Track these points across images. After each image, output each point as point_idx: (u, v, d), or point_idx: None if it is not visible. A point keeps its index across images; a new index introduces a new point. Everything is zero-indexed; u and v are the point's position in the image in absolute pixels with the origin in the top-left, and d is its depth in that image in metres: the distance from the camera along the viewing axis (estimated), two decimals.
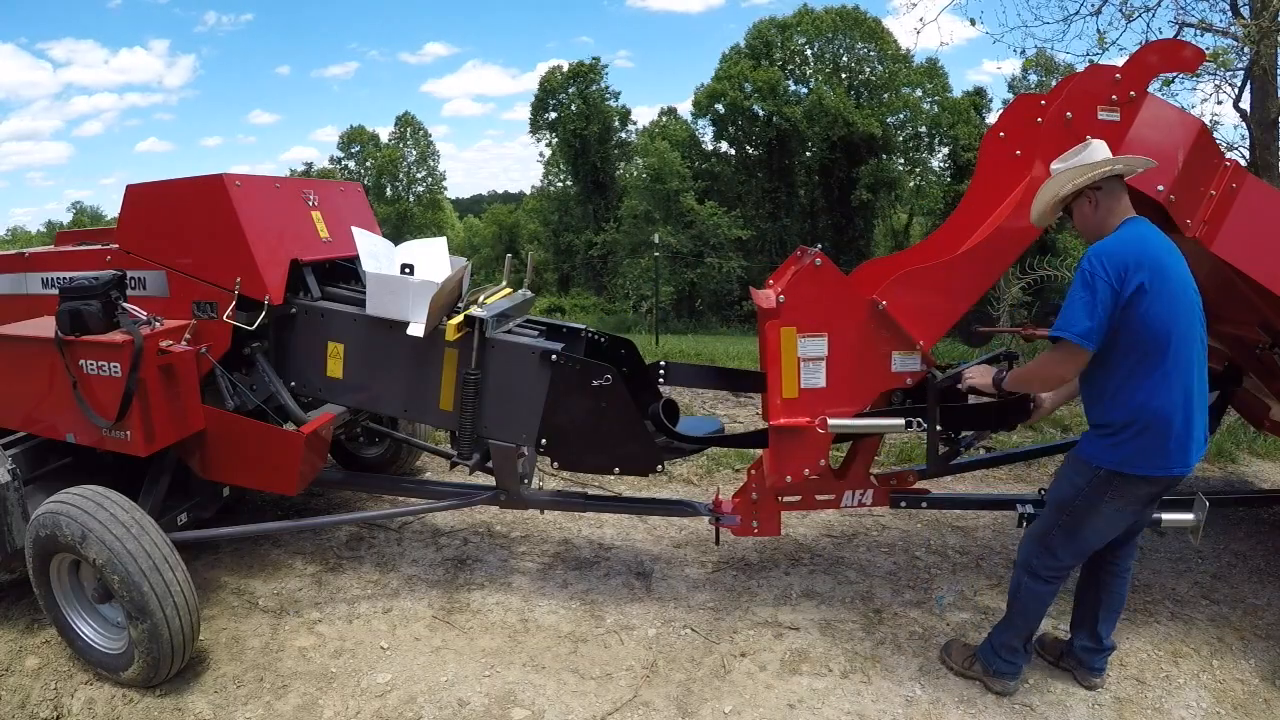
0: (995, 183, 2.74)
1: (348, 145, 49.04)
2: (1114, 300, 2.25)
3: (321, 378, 3.20)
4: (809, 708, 2.63)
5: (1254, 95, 7.53)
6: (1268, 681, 2.74)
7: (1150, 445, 2.35)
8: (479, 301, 3.08)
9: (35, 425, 3.10)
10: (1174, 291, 2.29)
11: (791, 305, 2.69)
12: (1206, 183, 2.66)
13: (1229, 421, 4.98)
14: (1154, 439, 2.34)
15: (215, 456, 3.18)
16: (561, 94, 40.21)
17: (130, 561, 2.53)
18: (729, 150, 37.22)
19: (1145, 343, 2.29)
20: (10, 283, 3.48)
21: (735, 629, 3.07)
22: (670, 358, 6.79)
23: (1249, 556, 3.64)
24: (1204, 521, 2.74)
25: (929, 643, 2.96)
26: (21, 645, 3.02)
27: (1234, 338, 3.50)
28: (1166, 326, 2.28)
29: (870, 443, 3.02)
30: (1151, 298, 2.25)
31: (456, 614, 3.21)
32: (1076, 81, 2.66)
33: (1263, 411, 3.90)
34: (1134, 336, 2.29)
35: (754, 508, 3.05)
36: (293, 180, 3.69)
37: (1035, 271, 9.74)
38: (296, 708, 2.66)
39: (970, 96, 36.37)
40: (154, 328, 2.93)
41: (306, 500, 4.26)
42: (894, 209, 37.38)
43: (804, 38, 36.79)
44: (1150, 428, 2.34)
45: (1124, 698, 2.66)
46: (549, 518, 4.02)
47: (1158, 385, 2.32)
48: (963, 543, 3.81)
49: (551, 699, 2.67)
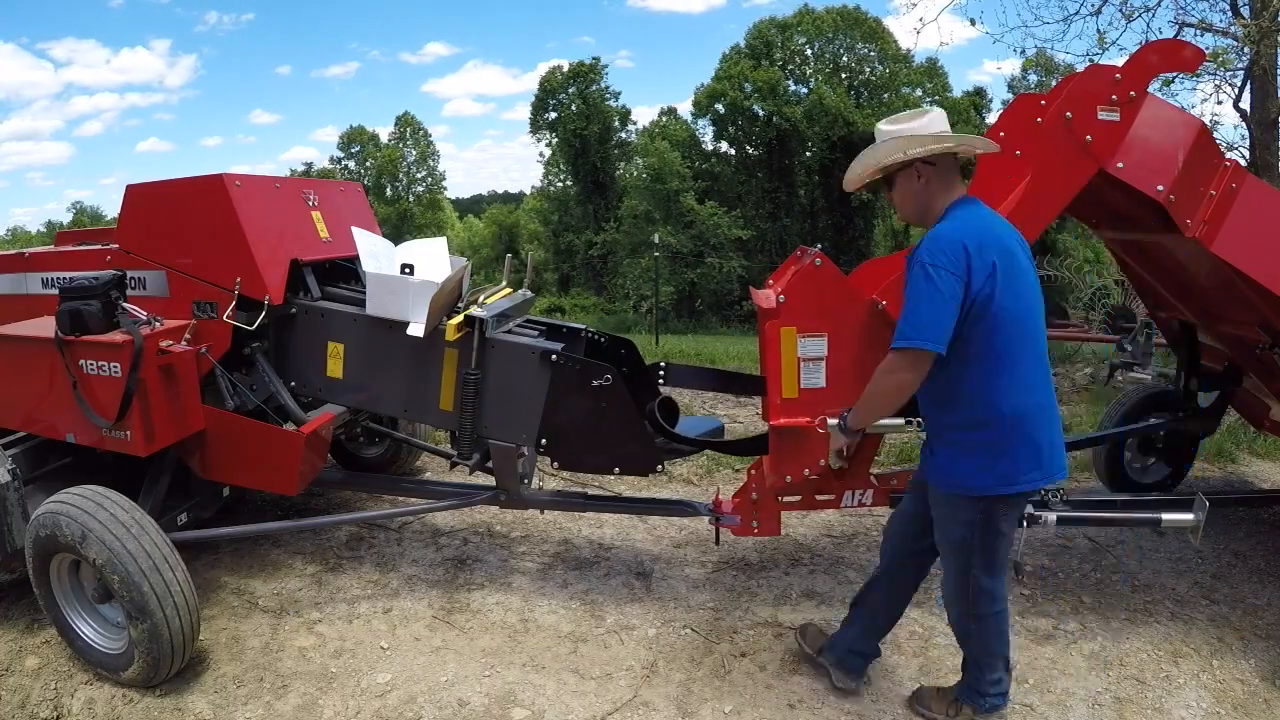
0: (995, 183, 2.74)
1: (348, 145, 49.07)
2: (962, 292, 2.00)
3: (321, 378, 3.20)
4: (809, 708, 2.63)
5: (1254, 95, 7.52)
6: (1268, 681, 2.74)
7: (1025, 455, 2.14)
8: (479, 301, 3.08)
9: (35, 425, 3.10)
10: (1024, 278, 2.09)
11: (791, 305, 2.69)
12: (1206, 183, 2.66)
13: (1229, 421, 4.98)
14: (1026, 447, 2.13)
15: (215, 456, 3.17)
16: (561, 94, 40.20)
17: (130, 561, 2.53)
18: (729, 150, 37.23)
19: (1001, 336, 2.06)
20: (10, 283, 3.48)
21: (735, 629, 3.07)
22: (670, 358, 6.79)
23: (1249, 556, 3.64)
24: (1204, 521, 2.74)
25: (929, 643, 2.96)
26: (21, 645, 3.02)
27: (1234, 338, 3.50)
28: (1020, 316, 2.06)
29: (870, 442, 3.02)
30: (1003, 285, 2.02)
31: (456, 614, 3.21)
32: (1076, 81, 2.66)
33: (1263, 411, 3.90)
34: (987, 330, 2.05)
35: (754, 508, 3.05)
36: (293, 180, 3.70)
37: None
38: (296, 708, 2.66)
39: (970, 96, 36.38)
40: (154, 328, 2.93)
41: (306, 500, 4.26)
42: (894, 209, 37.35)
43: (804, 38, 36.80)
44: (1018, 434, 2.12)
45: (1124, 698, 2.66)
46: (549, 518, 4.02)
47: (1020, 383, 2.10)
48: None
49: (551, 699, 2.67)
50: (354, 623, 3.15)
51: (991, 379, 2.10)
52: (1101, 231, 3.53)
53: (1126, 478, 4.21)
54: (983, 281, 2.02)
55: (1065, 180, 2.64)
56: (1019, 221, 2.64)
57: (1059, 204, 2.68)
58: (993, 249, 2.05)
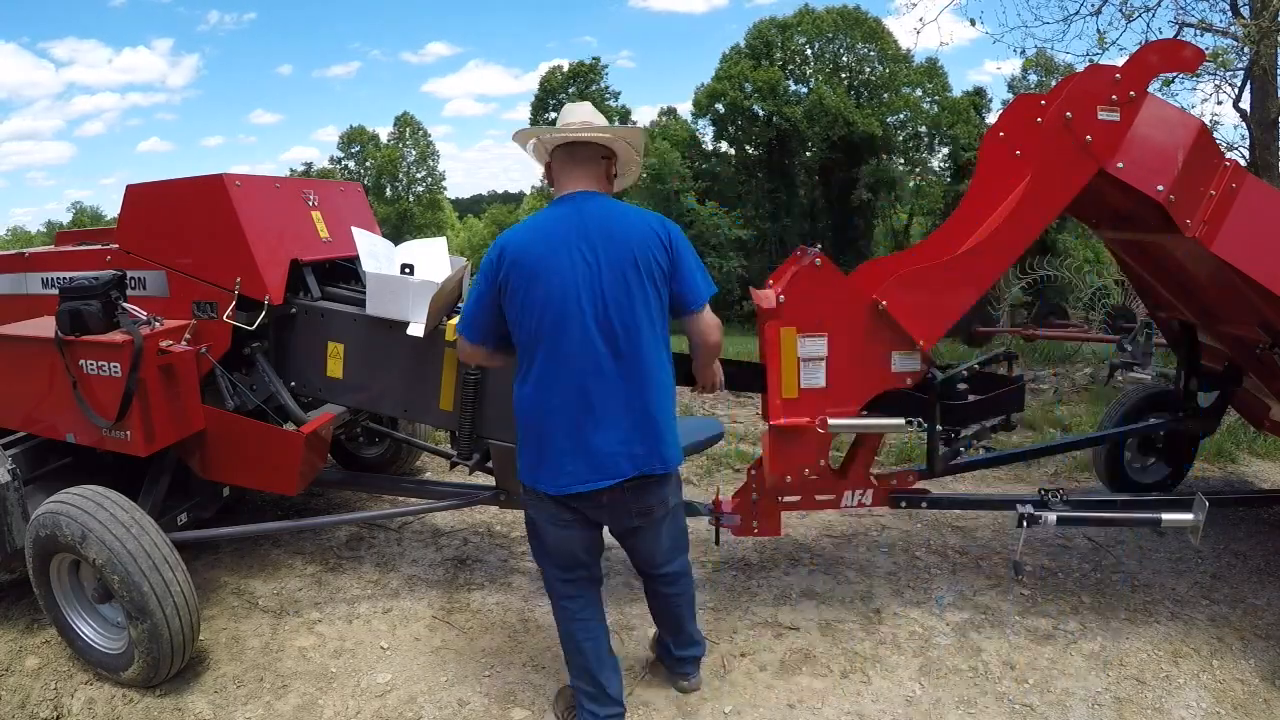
0: (995, 183, 2.74)
1: (348, 145, 49.08)
2: (491, 288, 2.16)
3: (321, 378, 3.20)
4: (809, 708, 2.63)
5: (1254, 95, 7.53)
6: (1268, 681, 2.74)
7: (528, 453, 2.21)
8: None
9: (35, 425, 3.11)
10: (555, 278, 2.09)
11: (791, 305, 2.69)
12: (1206, 183, 2.66)
13: (1229, 421, 4.98)
14: (531, 446, 2.21)
15: (215, 456, 3.18)
16: (562, 94, 40.22)
17: (130, 561, 2.53)
18: (729, 150, 37.22)
19: (522, 332, 2.15)
20: (10, 283, 3.48)
21: (735, 629, 3.07)
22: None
23: (1249, 556, 3.64)
24: (1204, 521, 2.74)
25: (929, 642, 2.96)
26: (21, 645, 3.02)
27: (1234, 338, 3.50)
28: (539, 317, 2.10)
29: (870, 443, 3.02)
30: (526, 284, 2.10)
31: (456, 614, 3.21)
32: (1076, 81, 2.66)
33: (1263, 411, 3.90)
34: (514, 326, 2.17)
35: (754, 508, 3.05)
36: (293, 180, 3.70)
37: (1035, 271, 9.75)
38: (296, 708, 2.66)
39: (970, 96, 36.39)
40: (154, 328, 2.93)
41: (306, 500, 4.26)
42: (894, 209, 37.39)
43: (804, 38, 36.80)
44: (528, 431, 2.20)
45: (1124, 698, 2.66)
46: None
47: (534, 380, 2.16)
48: (963, 543, 3.81)
49: (552, 699, 2.67)
50: (354, 623, 3.15)
51: (519, 372, 2.23)
52: (1101, 231, 3.53)
53: (1126, 478, 4.21)
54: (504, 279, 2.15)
55: (1065, 180, 2.64)
56: (1018, 221, 2.65)
57: (1059, 204, 2.68)
58: (524, 248, 2.14)
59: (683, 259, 2.21)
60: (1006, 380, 3.03)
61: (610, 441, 2.14)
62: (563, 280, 2.10)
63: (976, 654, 2.89)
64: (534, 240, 2.16)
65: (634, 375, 2.15)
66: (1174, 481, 4.23)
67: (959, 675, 2.78)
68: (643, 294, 2.14)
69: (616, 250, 2.12)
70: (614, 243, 2.13)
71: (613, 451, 2.14)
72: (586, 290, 2.10)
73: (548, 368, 2.14)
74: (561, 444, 2.16)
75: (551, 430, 2.17)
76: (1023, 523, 2.93)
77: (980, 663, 2.84)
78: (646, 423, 2.17)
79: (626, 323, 2.12)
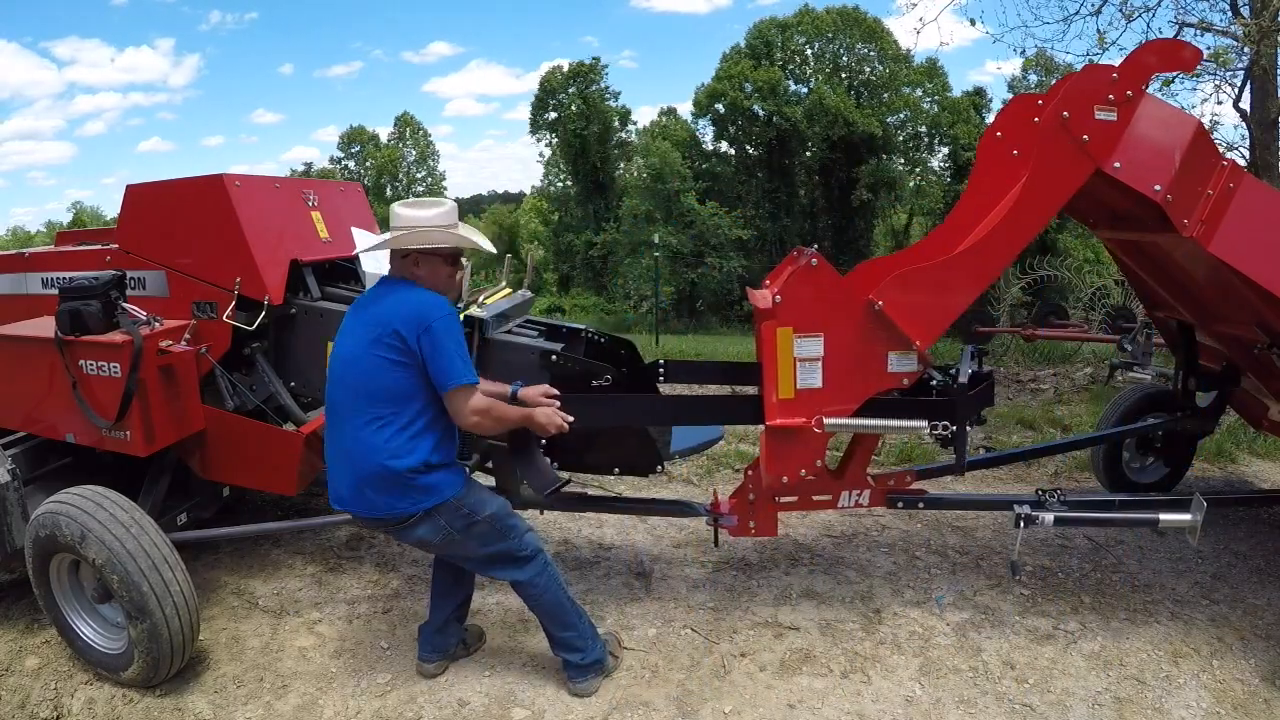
0: (992, 182, 2.74)
1: (348, 145, 49.08)
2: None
3: (321, 378, 3.20)
4: (809, 708, 2.63)
5: (1254, 95, 7.52)
6: (1268, 681, 2.74)
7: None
8: (479, 301, 3.08)
9: (35, 425, 3.11)
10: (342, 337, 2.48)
11: (788, 305, 2.69)
12: (1204, 182, 2.66)
13: (1229, 421, 4.99)
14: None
15: (215, 456, 3.18)
16: (561, 94, 40.18)
17: (130, 561, 2.53)
18: (729, 150, 37.21)
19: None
20: (10, 283, 3.49)
21: (735, 629, 3.07)
22: (670, 358, 6.78)
23: (1249, 556, 3.64)
24: (1202, 522, 2.74)
25: (929, 642, 2.96)
26: (21, 645, 3.02)
27: (1232, 337, 3.50)
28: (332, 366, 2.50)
29: (868, 443, 3.02)
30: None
31: None
32: (1073, 81, 2.66)
33: (1261, 411, 3.90)
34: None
35: (751, 508, 3.05)
36: (293, 180, 3.70)
37: (1035, 271, 9.76)
38: (296, 708, 2.66)
39: (970, 96, 36.37)
40: (154, 328, 2.93)
41: (306, 500, 4.26)
42: (894, 209, 37.38)
43: (804, 37, 36.78)
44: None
45: (1124, 698, 2.67)
46: (549, 518, 4.02)
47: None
48: (962, 543, 3.81)
49: (551, 699, 2.67)
50: (354, 623, 3.15)
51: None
52: (1099, 231, 3.53)
53: (1125, 478, 4.21)
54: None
55: (1062, 180, 2.64)
56: (1016, 221, 2.65)
57: (1056, 204, 2.68)
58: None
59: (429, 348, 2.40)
60: (981, 376, 3.03)
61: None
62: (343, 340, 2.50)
63: (976, 654, 2.89)
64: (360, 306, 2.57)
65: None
66: (1173, 481, 4.23)
67: (959, 675, 2.78)
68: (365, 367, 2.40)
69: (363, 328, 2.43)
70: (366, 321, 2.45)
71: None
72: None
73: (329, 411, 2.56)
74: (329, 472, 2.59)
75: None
76: (1020, 523, 2.93)
77: (980, 663, 2.84)
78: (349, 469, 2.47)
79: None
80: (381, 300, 2.43)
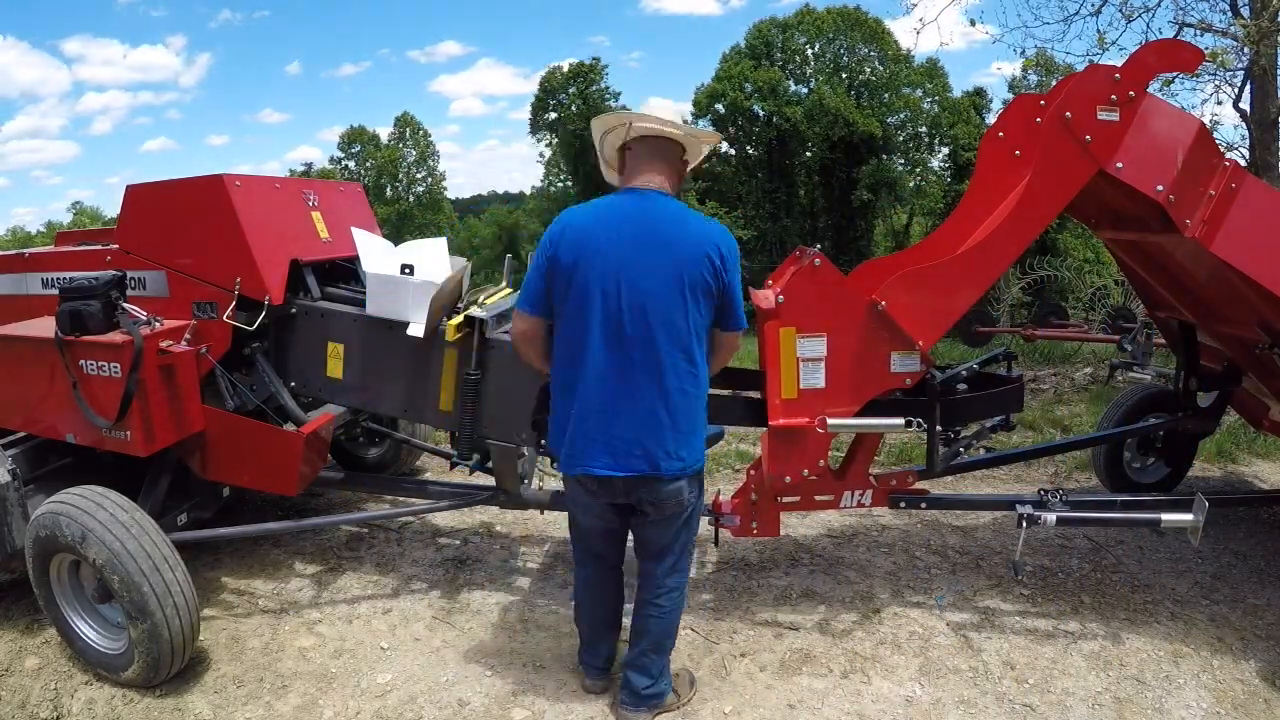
0: (994, 183, 2.74)
1: (348, 145, 49.04)
2: (544, 261, 2.24)
3: (321, 378, 3.21)
4: (809, 708, 2.63)
5: (1254, 95, 7.53)
6: (1268, 681, 2.74)
7: (557, 437, 2.33)
8: (479, 302, 3.08)
9: (35, 425, 3.11)
10: (599, 264, 2.17)
11: (790, 305, 2.69)
12: (1206, 182, 2.66)
13: (1229, 421, 4.98)
14: (557, 429, 2.32)
15: (215, 457, 3.18)
16: (562, 94, 40.18)
17: (130, 561, 2.53)
18: (729, 150, 37.20)
19: (559, 312, 2.26)
20: (10, 283, 3.48)
21: (735, 629, 3.07)
22: None
23: (1249, 556, 3.64)
24: (1204, 522, 2.74)
25: (929, 643, 2.96)
26: (21, 645, 3.02)
27: (1233, 337, 3.50)
28: (572, 299, 2.20)
29: (870, 443, 3.02)
30: (570, 263, 2.19)
31: (456, 614, 3.21)
32: (1076, 81, 2.66)
33: (1262, 411, 3.90)
34: (556, 303, 2.26)
35: (753, 509, 3.05)
36: (293, 180, 3.70)
37: (1035, 271, 9.76)
38: (296, 708, 2.66)
39: (970, 97, 36.37)
40: (154, 328, 2.93)
41: (306, 500, 4.26)
42: (894, 209, 37.38)
43: (805, 38, 36.79)
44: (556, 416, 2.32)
45: (1124, 698, 2.66)
46: (549, 518, 4.02)
47: (560, 369, 2.29)
48: (963, 543, 3.81)
49: (551, 699, 2.67)
50: (354, 623, 3.15)
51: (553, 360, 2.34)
52: (1101, 232, 3.53)
53: (1126, 478, 4.21)
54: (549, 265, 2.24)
55: (1064, 180, 2.64)
56: (1018, 221, 2.65)
57: (1058, 204, 2.68)
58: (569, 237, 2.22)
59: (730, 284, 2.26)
60: (1006, 380, 3.03)
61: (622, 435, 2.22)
62: (600, 269, 2.17)
63: (976, 654, 2.89)
64: (590, 223, 2.24)
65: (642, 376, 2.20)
66: (1174, 482, 4.23)
67: (959, 675, 2.78)
68: (674, 302, 2.18)
69: (660, 255, 2.17)
70: (660, 247, 2.18)
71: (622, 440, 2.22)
72: (615, 284, 2.17)
73: (569, 350, 2.25)
74: (577, 426, 2.26)
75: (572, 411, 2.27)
76: (1022, 523, 2.94)
77: (980, 663, 2.84)
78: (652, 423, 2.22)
79: (645, 324, 2.18)
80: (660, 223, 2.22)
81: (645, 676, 2.50)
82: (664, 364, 2.20)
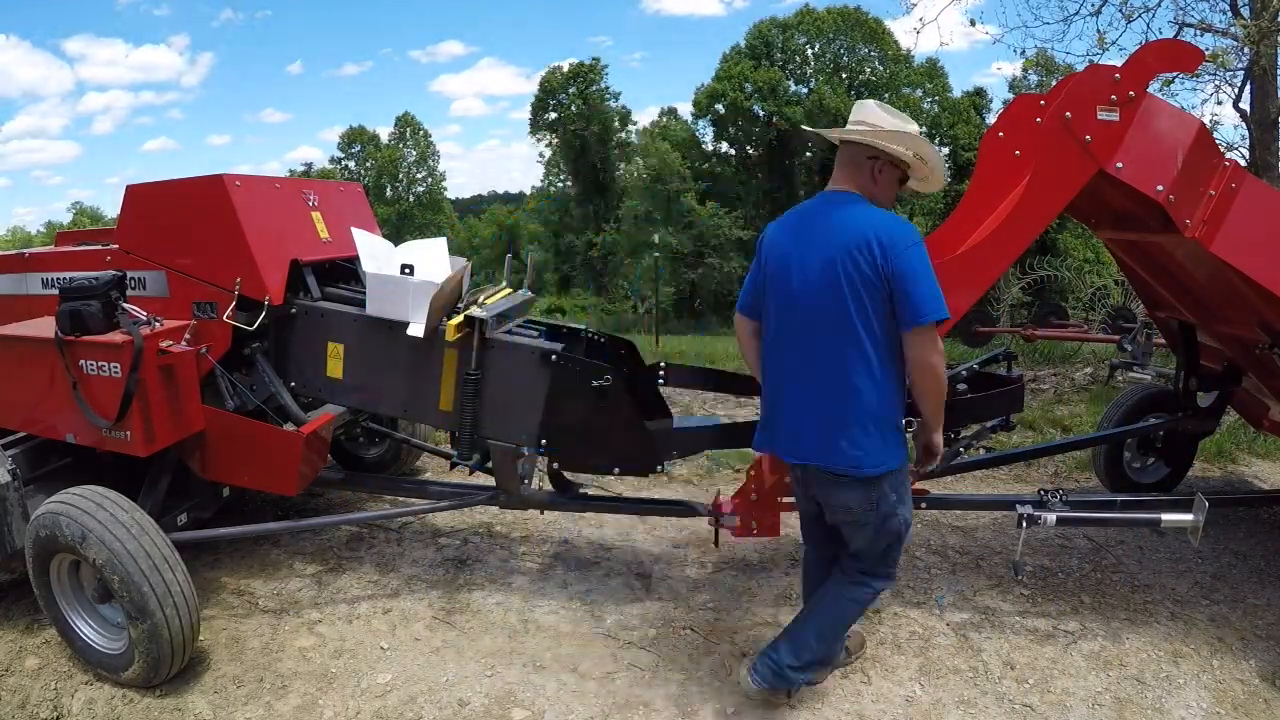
0: (994, 183, 2.74)
1: (348, 145, 49.03)
2: (752, 272, 2.49)
3: (321, 378, 3.20)
4: (809, 708, 2.63)
5: (1254, 95, 7.53)
6: (1268, 681, 2.74)
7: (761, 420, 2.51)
8: (479, 302, 3.08)
9: (35, 425, 3.10)
10: (779, 264, 2.35)
11: None
12: (1206, 182, 2.66)
13: (1229, 421, 4.98)
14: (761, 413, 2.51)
15: (215, 457, 3.17)
16: (562, 94, 40.19)
17: (130, 562, 2.53)
18: (729, 150, 37.25)
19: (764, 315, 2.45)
20: (10, 283, 3.48)
21: (735, 629, 3.07)
22: (670, 358, 6.79)
23: (1249, 556, 3.64)
24: (1204, 522, 2.74)
25: (929, 643, 2.96)
26: (21, 645, 3.02)
27: (1233, 337, 3.50)
28: (769, 300, 2.40)
29: None
30: (764, 262, 2.42)
31: (456, 614, 3.21)
32: (1076, 81, 2.66)
33: (1262, 411, 3.91)
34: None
35: (753, 508, 3.04)
36: (293, 180, 3.70)
37: (1035, 271, 9.75)
38: (296, 708, 2.66)
39: (970, 97, 36.40)
40: (154, 328, 2.93)
41: (306, 500, 4.26)
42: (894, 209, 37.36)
43: (805, 38, 36.83)
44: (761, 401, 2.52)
45: (1124, 698, 2.66)
46: (549, 518, 4.02)
47: (764, 360, 2.47)
48: (963, 543, 3.81)
49: (551, 699, 2.67)
50: (354, 623, 3.15)
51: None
52: (1101, 232, 3.53)
53: (1126, 478, 4.21)
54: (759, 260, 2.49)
55: (1065, 180, 2.64)
56: (1018, 221, 2.65)
57: (1058, 204, 2.68)
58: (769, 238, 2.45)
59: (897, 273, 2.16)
60: (1006, 380, 3.03)
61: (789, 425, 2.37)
62: (777, 268, 2.36)
63: (976, 654, 2.89)
64: (778, 228, 2.43)
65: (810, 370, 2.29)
66: (1174, 482, 4.23)
67: (959, 675, 2.78)
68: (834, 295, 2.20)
69: (820, 250, 2.24)
70: (821, 242, 2.25)
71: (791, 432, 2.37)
72: (786, 283, 2.32)
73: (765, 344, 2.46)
74: (767, 411, 2.48)
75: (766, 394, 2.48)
76: (1022, 523, 2.93)
77: (980, 663, 2.84)
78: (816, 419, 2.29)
79: (810, 319, 2.27)
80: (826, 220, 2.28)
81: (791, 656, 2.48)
82: (827, 358, 2.25)
